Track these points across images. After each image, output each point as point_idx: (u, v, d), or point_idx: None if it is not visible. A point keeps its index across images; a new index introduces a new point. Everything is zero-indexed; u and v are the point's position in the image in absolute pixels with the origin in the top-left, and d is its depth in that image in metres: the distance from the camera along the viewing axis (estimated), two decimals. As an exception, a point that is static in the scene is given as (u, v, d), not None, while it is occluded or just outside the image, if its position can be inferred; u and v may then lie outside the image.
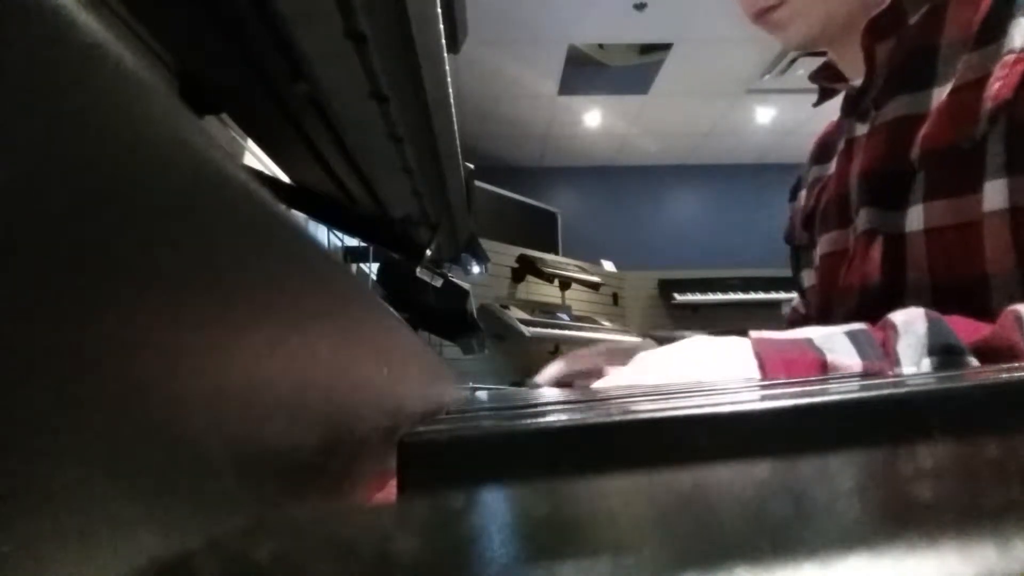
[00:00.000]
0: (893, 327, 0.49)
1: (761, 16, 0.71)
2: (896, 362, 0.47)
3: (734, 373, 0.51)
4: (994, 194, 0.56)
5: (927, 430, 0.20)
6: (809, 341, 0.51)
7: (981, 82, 0.57)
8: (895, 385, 0.23)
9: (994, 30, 0.57)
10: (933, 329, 0.47)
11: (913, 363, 0.46)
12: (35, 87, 0.08)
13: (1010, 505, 0.08)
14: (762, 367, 0.50)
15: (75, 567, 0.08)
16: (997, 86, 0.55)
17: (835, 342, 0.50)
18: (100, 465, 0.08)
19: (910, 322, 0.48)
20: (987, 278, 0.57)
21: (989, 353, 0.45)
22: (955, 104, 0.58)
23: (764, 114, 4.06)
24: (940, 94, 0.61)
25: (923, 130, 0.61)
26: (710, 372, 0.52)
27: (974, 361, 0.45)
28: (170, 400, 0.10)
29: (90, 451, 0.08)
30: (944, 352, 0.46)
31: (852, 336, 0.50)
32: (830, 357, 0.49)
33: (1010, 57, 0.54)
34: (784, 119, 4.06)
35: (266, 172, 0.71)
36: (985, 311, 0.50)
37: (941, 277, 0.61)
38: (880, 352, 0.49)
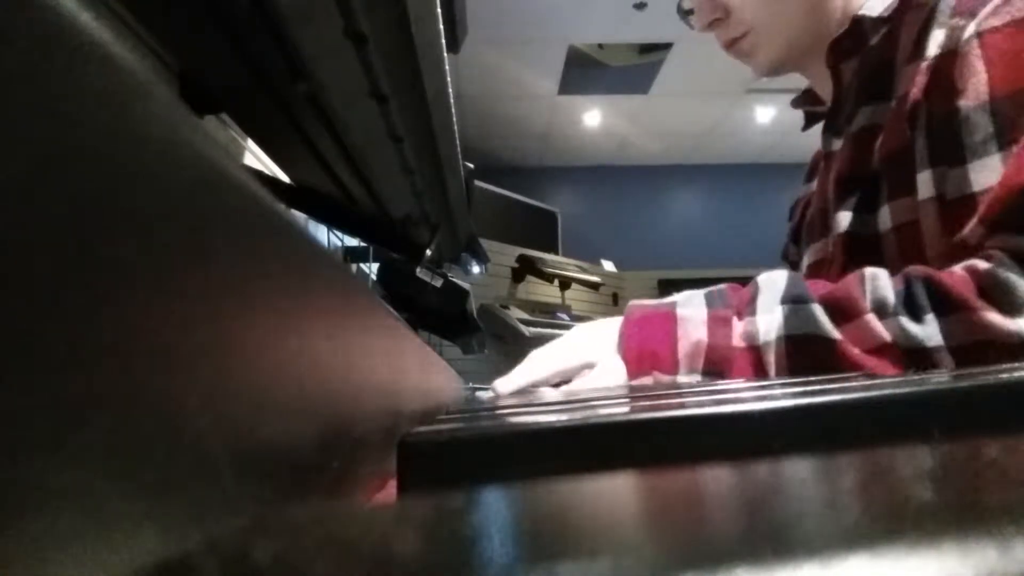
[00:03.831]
0: (756, 284, 0.60)
1: (731, 46, 0.79)
2: (753, 311, 0.57)
3: (606, 333, 0.62)
4: (923, 185, 0.62)
5: (927, 430, 0.20)
6: (673, 302, 0.62)
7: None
8: (896, 385, 0.23)
9: (923, 43, 0.64)
10: (790, 284, 0.57)
11: (768, 310, 0.56)
12: (35, 87, 0.08)
13: (1010, 505, 0.08)
14: (625, 321, 0.61)
15: (75, 567, 0.08)
16: (914, 91, 0.63)
17: (692, 299, 0.61)
18: (100, 465, 0.08)
19: (774, 279, 0.59)
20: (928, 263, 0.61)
21: (832, 303, 0.53)
22: (897, 112, 0.66)
23: (764, 114, 4.06)
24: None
25: (880, 138, 0.68)
26: (587, 348, 0.62)
27: (819, 308, 0.53)
28: (170, 400, 0.10)
29: (90, 451, 0.08)
30: (793, 301, 0.55)
31: (708, 294, 0.62)
32: (679, 310, 0.60)
33: (924, 64, 0.62)
34: (784, 119, 4.06)
35: (266, 172, 0.71)
36: None
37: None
38: (729, 303, 0.60)
